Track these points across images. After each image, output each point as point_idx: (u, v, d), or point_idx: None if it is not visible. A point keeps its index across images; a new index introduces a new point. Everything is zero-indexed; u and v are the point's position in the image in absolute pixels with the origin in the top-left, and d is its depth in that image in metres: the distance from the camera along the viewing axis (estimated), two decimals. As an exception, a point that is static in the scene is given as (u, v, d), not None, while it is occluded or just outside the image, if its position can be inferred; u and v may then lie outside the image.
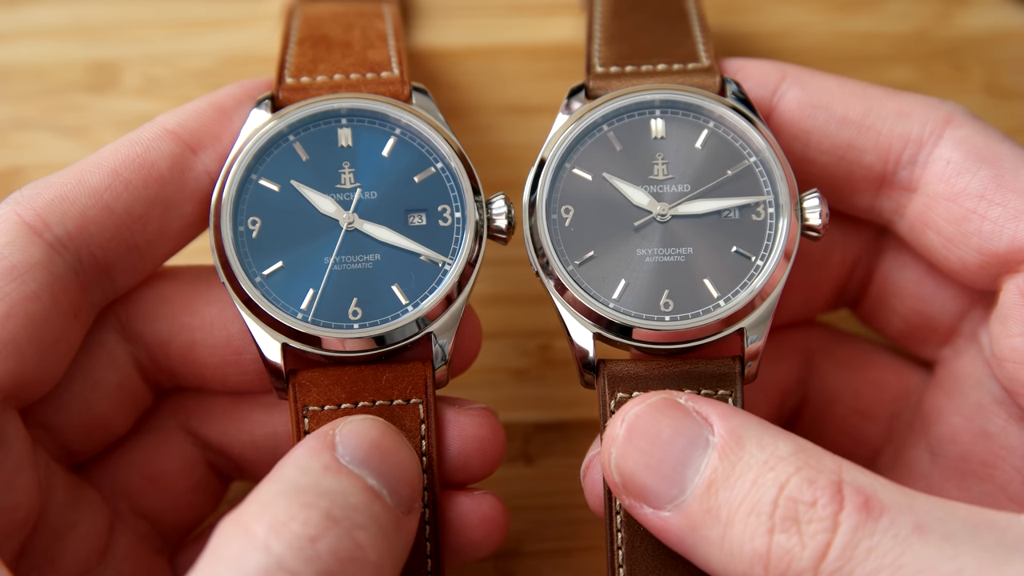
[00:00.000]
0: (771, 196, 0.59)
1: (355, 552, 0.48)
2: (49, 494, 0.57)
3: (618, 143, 0.60)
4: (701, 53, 0.63)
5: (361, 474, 0.51)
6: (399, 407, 0.58)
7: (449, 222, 0.59)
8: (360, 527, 0.49)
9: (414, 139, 0.60)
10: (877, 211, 0.63)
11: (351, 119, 0.60)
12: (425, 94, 0.62)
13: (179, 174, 0.58)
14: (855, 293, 0.67)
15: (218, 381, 0.61)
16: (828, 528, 0.47)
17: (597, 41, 0.64)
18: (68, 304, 0.56)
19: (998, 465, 0.61)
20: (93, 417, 0.60)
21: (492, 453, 0.59)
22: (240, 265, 0.58)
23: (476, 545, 0.59)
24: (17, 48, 0.77)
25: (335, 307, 0.58)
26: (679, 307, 0.58)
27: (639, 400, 0.52)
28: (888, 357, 0.67)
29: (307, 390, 0.58)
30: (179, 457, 0.62)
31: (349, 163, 0.60)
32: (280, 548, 0.47)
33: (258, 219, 0.59)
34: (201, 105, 0.60)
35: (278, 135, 0.59)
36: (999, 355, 0.58)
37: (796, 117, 0.61)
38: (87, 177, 0.57)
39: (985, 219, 0.58)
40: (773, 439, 0.50)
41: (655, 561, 0.56)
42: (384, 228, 0.59)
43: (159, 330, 0.60)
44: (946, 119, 0.60)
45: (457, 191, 0.59)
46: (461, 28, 0.78)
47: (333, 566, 0.47)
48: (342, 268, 0.58)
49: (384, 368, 0.58)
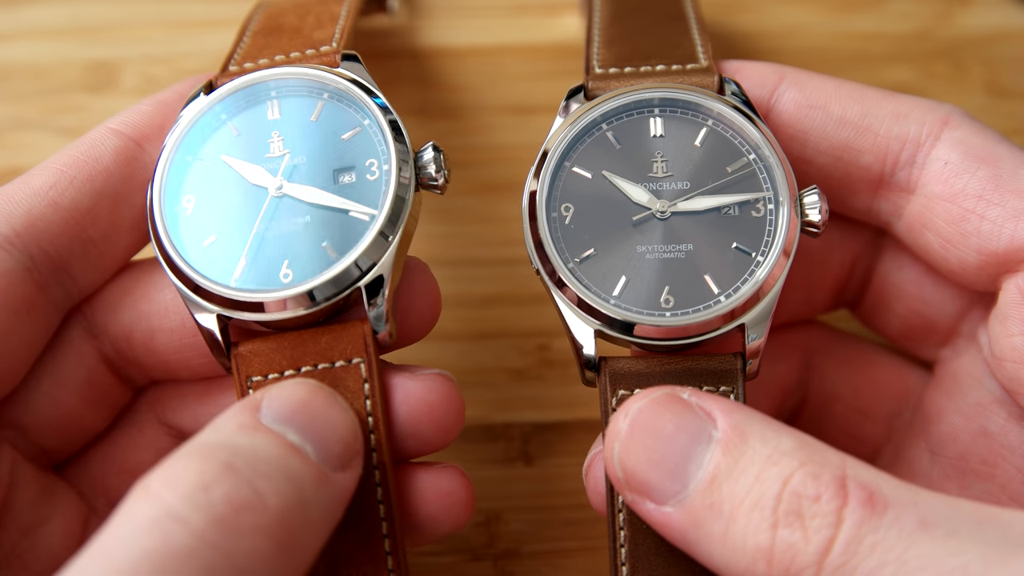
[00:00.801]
0: (770, 192, 0.59)
1: (252, 499, 0.47)
2: (16, 491, 0.57)
3: (617, 142, 0.60)
4: (699, 54, 0.63)
5: (281, 431, 0.51)
6: (341, 369, 0.57)
7: (377, 175, 0.59)
8: (264, 476, 0.48)
9: (341, 99, 0.60)
10: (875, 213, 0.63)
11: (280, 91, 0.61)
12: (355, 60, 0.62)
13: (124, 165, 0.59)
14: (854, 293, 0.67)
15: (183, 367, 0.61)
16: (832, 523, 0.47)
17: (596, 44, 0.65)
18: (18, 301, 0.56)
19: (998, 464, 0.60)
20: (63, 414, 0.60)
21: (444, 420, 0.57)
22: (173, 242, 0.58)
23: (437, 521, 0.57)
24: (16, 48, 0.77)
25: (267, 271, 0.57)
26: (680, 303, 0.58)
27: (642, 395, 0.52)
28: (888, 357, 0.67)
29: (248, 360, 0.58)
30: (154, 449, 0.62)
31: (278, 132, 0.60)
32: (171, 497, 0.46)
33: (192, 196, 0.59)
34: (143, 104, 0.62)
35: (210, 115, 0.60)
36: (999, 355, 0.58)
37: (793, 117, 0.61)
38: (34, 179, 0.58)
39: (984, 219, 0.57)
40: (776, 434, 0.50)
41: (658, 559, 0.56)
42: (312, 188, 0.59)
43: (121, 321, 0.60)
44: (943, 120, 0.60)
45: (384, 144, 0.59)
46: (462, 28, 0.78)
47: (226, 512, 0.46)
48: (274, 233, 0.58)
49: (323, 330, 0.58)
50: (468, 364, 0.71)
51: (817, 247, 0.65)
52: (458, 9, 0.78)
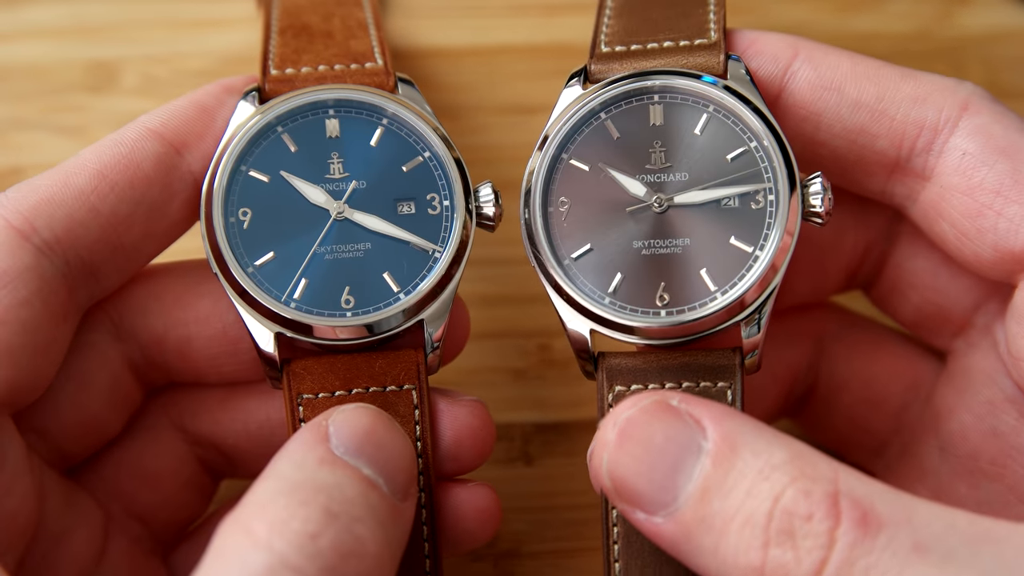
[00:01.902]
0: (771, 183, 0.58)
1: (356, 546, 0.48)
2: (45, 500, 0.57)
3: (616, 131, 0.60)
4: (711, 26, 0.61)
5: (356, 464, 0.51)
6: (392, 393, 0.58)
7: (438, 210, 0.60)
8: (358, 520, 0.49)
9: (401, 128, 0.60)
10: (889, 195, 0.61)
11: (338, 110, 0.60)
12: (411, 85, 0.62)
13: (164, 174, 0.58)
14: (868, 277, 0.66)
15: (214, 372, 0.61)
16: (824, 544, 0.46)
17: (608, 13, 0.63)
18: (58, 308, 0.56)
19: (1008, 464, 0.60)
20: (86, 419, 0.59)
21: (484, 444, 0.59)
22: (232, 255, 0.58)
23: (471, 536, 0.59)
24: (15, 48, 0.77)
25: (328, 295, 0.58)
26: (675, 300, 0.57)
27: (631, 403, 0.51)
28: (901, 346, 0.66)
29: (301, 378, 0.58)
30: (170, 455, 0.62)
31: (337, 153, 0.60)
32: (282, 546, 0.47)
33: (249, 210, 0.59)
34: (183, 104, 0.60)
35: (267, 126, 0.60)
36: (1015, 354, 0.58)
37: (807, 99, 0.59)
38: (72, 179, 0.57)
39: (1001, 216, 0.56)
40: (768, 445, 0.49)
41: (651, 557, 0.56)
42: (374, 217, 0.59)
43: (153, 326, 0.60)
44: (963, 104, 0.58)
45: (445, 179, 0.60)
46: (461, 28, 0.78)
47: (335, 561, 0.47)
48: (334, 257, 0.59)
49: (377, 355, 0.59)
50: (468, 364, 0.71)
51: (830, 232, 0.64)
52: (456, 9, 0.78)
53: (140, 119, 0.59)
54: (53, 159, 0.74)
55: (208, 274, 0.60)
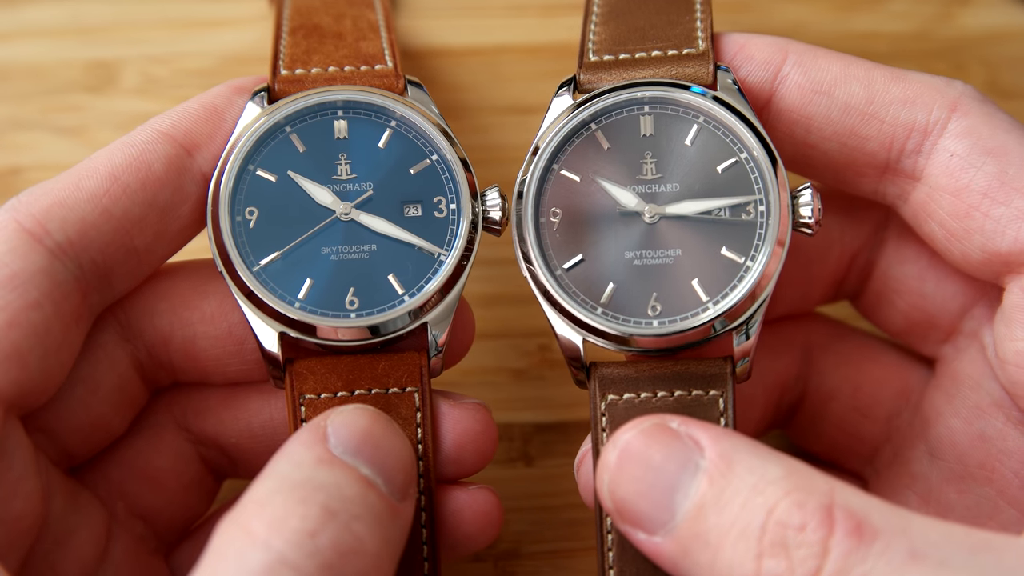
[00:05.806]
0: (762, 195, 0.58)
1: (354, 544, 0.48)
2: (50, 500, 0.57)
3: (606, 142, 0.60)
4: (698, 35, 0.61)
5: (354, 464, 0.52)
6: (395, 395, 0.58)
7: (444, 213, 0.60)
8: (357, 518, 0.49)
9: (410, 131, 0.60)
10: (882, 194, 0.62)
11: (347, 111, 0.60)
12: (420, 87, 0.62)
13: (175, 176, 0.58)
14: (855, 286, 0.66)
15: (219, 372, 0.61)
16: (817, 553, 0.46)
17: (594, 19, 0.63)
18: (69, 311, 0.56)
19: (996, 468, 0.60)
20: (93, 419, 0.59)
21: (485, 448, 0.59)
22: (238, 255, 0.58)
23: (471, 539, 0.59)
24: (15, 48, 0.77)
25: (332, 296, 0.58)
26: (667, 310, 0.58)
27: (632, 425, 0.52)
28: (889, 354, 0.66)
29: (304, 378, 0.58)
30: (173, 454, 0.62)
31: (345, 154, 0.60)
32: (281, 544, 0.47)
33: (255, 209, 0.59)
34: (193, 106, 0.60)
35: (275, 126, 0.60)
36: (1003, 358, 0.58)
37: (797, 103, 0.59)
38: (84, 182, 0.57)
39: (988, 217, 0.57)
40: (763, 462, 0.49)
41: (646, 563, 0.56)
42: (380, 219, 0.59)
43: (159, 326, 0.60)
44: (952, 105, 0.58)
45: (452, 183, 0.60)
46: (461, 28, 0.78)
47: (334, 559, 0.47)
48: (339, 258, 0.59)
49: (380, 357, 0.59)
50: (468, 364, 0.71)
51: (816, 242, 0.64)
52: (457, 9, 0.78)
53: (150, 121, 0.60)
54: (53, 159, 0.74)
55: (214, 274, 0.60)
